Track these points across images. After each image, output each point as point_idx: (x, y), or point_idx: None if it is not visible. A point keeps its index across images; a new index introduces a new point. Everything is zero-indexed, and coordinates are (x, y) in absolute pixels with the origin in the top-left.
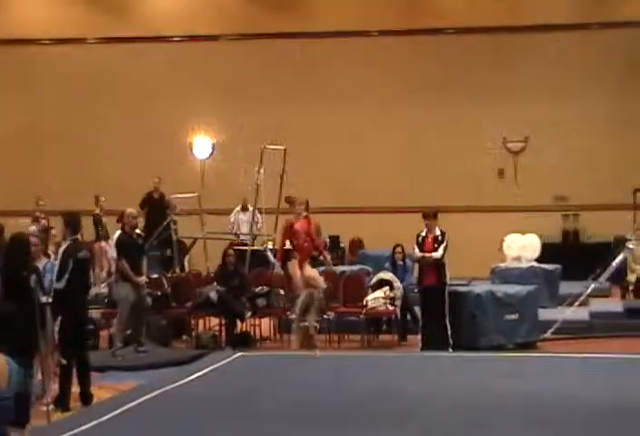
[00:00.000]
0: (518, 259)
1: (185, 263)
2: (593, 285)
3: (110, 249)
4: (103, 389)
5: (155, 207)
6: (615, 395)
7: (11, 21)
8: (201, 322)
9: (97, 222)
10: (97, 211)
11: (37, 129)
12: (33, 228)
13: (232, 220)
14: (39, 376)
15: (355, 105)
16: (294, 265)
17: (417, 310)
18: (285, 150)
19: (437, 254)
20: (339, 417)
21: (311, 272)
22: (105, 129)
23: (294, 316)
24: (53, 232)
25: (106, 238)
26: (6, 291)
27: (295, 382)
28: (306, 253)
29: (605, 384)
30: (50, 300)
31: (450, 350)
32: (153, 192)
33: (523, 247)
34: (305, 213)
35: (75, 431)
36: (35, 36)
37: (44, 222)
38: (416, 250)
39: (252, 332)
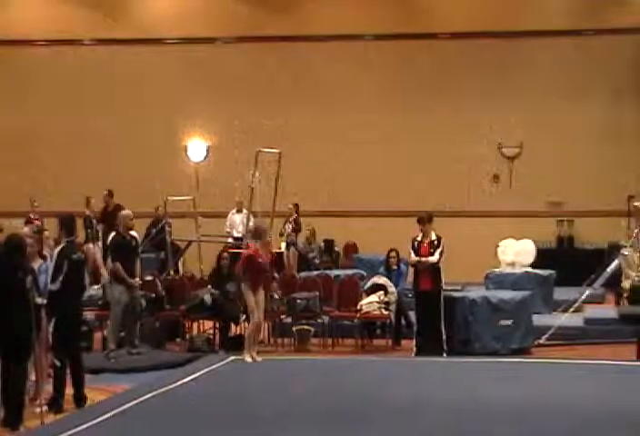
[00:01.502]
0: (513, 264)
1: (179, 266)
2: (587, 291)
3: (98, 251)
4: (96, 391)
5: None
6: (610, 401)
7: (6, 22)
8: (195, 324)
9: (88, 224)
10: (88, 212)
11: (31, 130)
12: (26, 229)
13: (228, 223)
14: (33, 377)
15: (350, 109)
16: (247, 288)
17: (412, 314)
18: (279, 153)
19: (434, 259)
20: (332, 421)
21: (262, 298)
22: (100, 131)
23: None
24: (46, 233)
25: (96, 240)
26: (1, 291)
27: (288, 386)
28: (266, 285)
29: (599, 390)
30: (45, 301)
31: (444, 355)
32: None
33: (517, 253)
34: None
35: (69, 433)
36: (30, 37)
37: (37, 223)
38: (412, 254)
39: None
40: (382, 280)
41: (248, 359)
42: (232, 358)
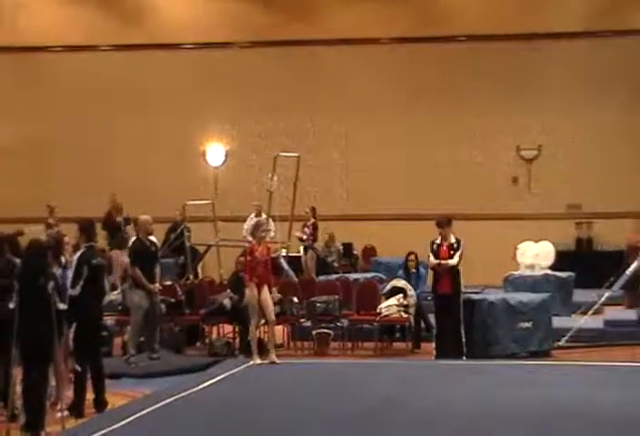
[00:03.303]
0: (532, 267)
1: (199, 270)
2: (607, 293)
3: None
4: (117, 396)
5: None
6: (630, 404)
7: (22, 28)
8: (214, 329)
9: (114, 230)
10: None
11: (49, 137)
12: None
13: (245, 227)
14: (53, 382)
15: (368, 113)
16: (252, 289)
17: (431, 317)
18: (298, 157)
19: (453, 261)
20: (352, 425)
21: (267, 298)
22: (118, 136)
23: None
24: (66, 239)
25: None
26: (23, 297)
27: (308, 390)
28: (264, 280)
29: (619, 393)
30: (66, 306)
31: (464, 358)
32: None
33: (536, 255)
34: (266, 239)
35: None
36: (47, 44)
37: (57, 229)
38: (431, 257)
39: (265, 340)
40: (401, 283)
41: (258, 361)
42: (251, 362)
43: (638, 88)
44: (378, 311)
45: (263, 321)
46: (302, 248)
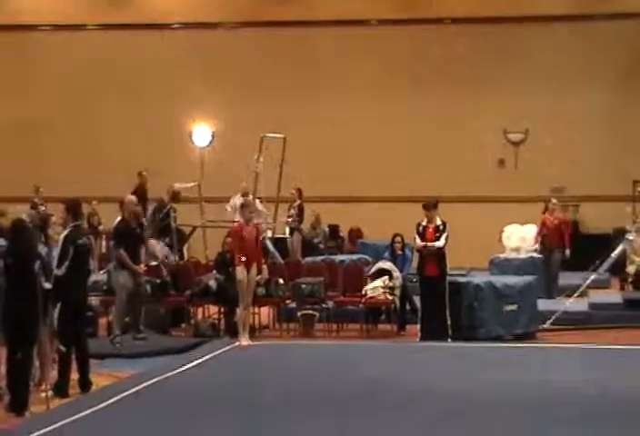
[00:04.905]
0: (517, 250)
1: (184, 251)
2: (592, 276)
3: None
4: (101, 376)
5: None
6: (613, 386)
7: (9, 7)
8: (200, 310)
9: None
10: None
11: (35, 116)
12: (24, 215)
13: (229, 207)
14: (38, 363)
15: (355, 95)
16: (242, 271)
17: (416, 299)
18: (284, 139)
19: (440, 243)
20: (337, 406)
21: (252, 279)
22: (105, 116)
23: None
24: (53, 218)
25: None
26: (8, 277)
27: (293, 371)
28: (252, 259)
29: (603, 375)
30: (50, 286)
31: (449, 340)
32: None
33: (522, 238)
34: (254, 220)
35: (74, 418)
36: (34, 23)
37: (42, 208)
38: (418, 239)
39: (251, 321)
40: (387, 265)
41: (244, 342)
42: (237, 343)
43: (625, 72)
44: (364, 292)
45: None
46: (287, 230)
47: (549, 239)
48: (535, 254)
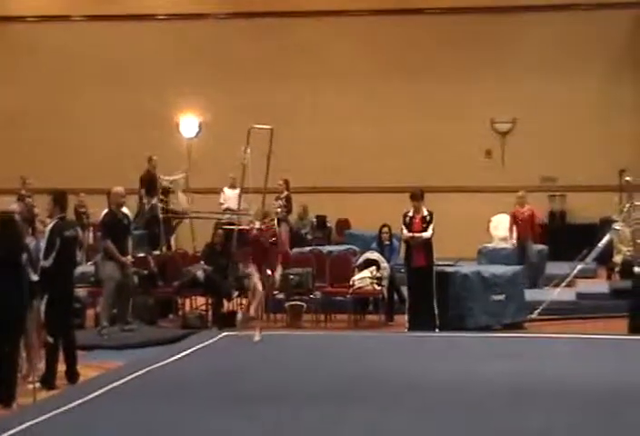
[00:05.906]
0: (505, 239)
1: (172, 242)
2: (579, 266)
3: None
4: (89, 367)
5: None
6: (601, 375)
7: None
8: (187, 301)
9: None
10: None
11: (22, 107)
12: (14, 206)
13: (222, 199)
14: (25, 354)
15: (342, 85)
16: (258, 282)
17: (404, 290)
18: (272, 130)
19: (427, 234)
20: (325, 397)
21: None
22: (92, 107)
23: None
24: (36, 210)
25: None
26: None
27: (280, 362)
28: (273, 265)
29: (591, 364)
30: (37, 278)
31: (436, 330)
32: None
33: (509, 228)
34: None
35: (61, 410)
36: (21, 13)
37: (29, 200)
38: (404, 230)
39: (238, 312)
40: (374, 255)
41: (258, 338)
42: (224, 334)
43: (614, 62)
44: (351, 283)
45: (236, 293)
46: (275, 220)
47: (522, 231)
48: (510, 246)
